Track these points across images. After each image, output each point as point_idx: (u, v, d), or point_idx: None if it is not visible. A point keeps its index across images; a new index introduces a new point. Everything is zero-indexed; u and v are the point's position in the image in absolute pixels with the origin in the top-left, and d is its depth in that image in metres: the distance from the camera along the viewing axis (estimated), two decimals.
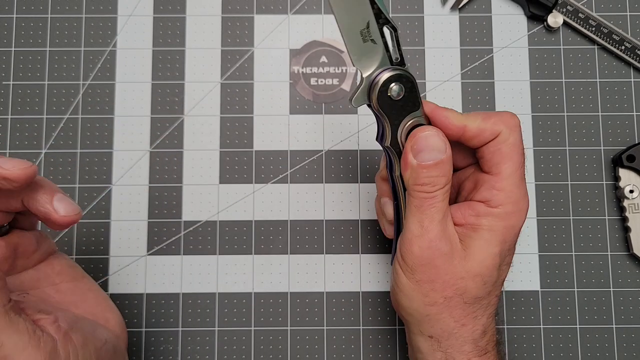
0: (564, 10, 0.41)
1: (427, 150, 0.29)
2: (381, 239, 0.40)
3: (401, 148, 0.30)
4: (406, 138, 0.30)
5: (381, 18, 0.29)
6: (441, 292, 0.29)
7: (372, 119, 0.34)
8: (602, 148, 0.41)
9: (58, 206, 0.27)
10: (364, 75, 0.29)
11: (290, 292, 0.39)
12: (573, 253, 0.40)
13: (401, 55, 0.30)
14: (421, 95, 0.41)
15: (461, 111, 0.41)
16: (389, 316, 0.39)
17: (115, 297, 0.39)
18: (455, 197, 0.33)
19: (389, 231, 0.34)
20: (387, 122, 0.30)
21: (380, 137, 0.31)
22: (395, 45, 0.29)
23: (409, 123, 0.30)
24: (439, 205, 0.29)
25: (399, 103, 0.29)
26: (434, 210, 0.29)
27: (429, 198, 0.29)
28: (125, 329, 0.31)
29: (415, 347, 0.31)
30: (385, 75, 0.29)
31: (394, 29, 0.29)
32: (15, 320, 0.24)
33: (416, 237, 0.29)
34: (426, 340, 0.30)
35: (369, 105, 0.30)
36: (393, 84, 0.29)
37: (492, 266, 0.29)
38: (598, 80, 0.42)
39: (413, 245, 0.29)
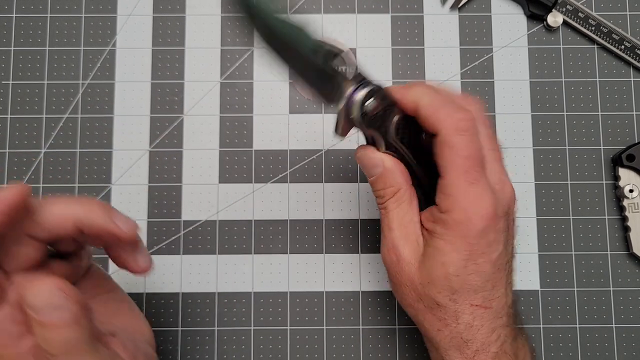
0: (564, 9, 0.41)
1: (366, 168, 0.31)
2: (380, 238, 0.40)
3: (397, 145, 0.30)
4: (396, 133, 0.30)
5: (321, 51, 0.29)
6: (408, 296, 0.30)
7: None
8: (601, 147, 0.41)
9: (140, 260, 0.28)
10: (337, 109, 0.30)
11: (290, 292, 0.39)
12: (573, 253, 0.40)
13: (356, 68, 0.30)
14: None
15: None
16: (388, 316, 0.39)
17: None
18: None
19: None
20: (377, 134, 0.30)
21: (371, 144, 0.31)
22: (347, 62, 0.29)
23: (394, 120, 0.30)
24: (392, 213, 0.30)
25: (380, 113, 0.29)
26: (388, 218, 0.30)
27: (382, 208, 0.31)
28: (154, 340, 0.31)
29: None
30: (356, 99, 0.29)
31: (339, 51, 0.29)
32: (99, 349, 0.23)
33: (383, 239, 0.31)
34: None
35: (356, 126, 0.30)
36: (367, 103, 0.29)
37: (442, 275, 0.28)
38: (598, 79, 0.42)
39: (382, 247, 0.31)
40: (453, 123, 0.28)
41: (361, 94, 0.29)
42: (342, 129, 0.31)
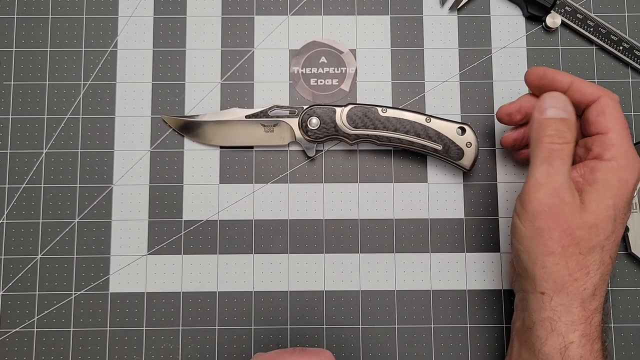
0: (562, 10, 0.41)
1: (554, 107, 0.33)
2: (380, 238, 0.40)
3: (338, 129, 0.39)
4: (346, 119, 0.39)
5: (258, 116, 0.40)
6: (559, 241, 0.31)
7: None
8: None
9: None
10: (304, 142, 0.39)
11: (290, 291, 0.40)
12: None
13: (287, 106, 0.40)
14: (420, 96, 0.41)
15: (459, 111, 0.41)
16: (388, 315, 0.39)
17: (116, 297, 0.39)
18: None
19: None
20: (337, 135, 0.39)
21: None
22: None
23: (338, 112, 0.39)
24: (565, 158, 0.32)
25: (326, 124, 0.39)
26: (560, 162, 0.32)
27: (557, 150, 0.32)
28: None
29: (524, 307, 0.33)
30: (297, 132, 0.39)
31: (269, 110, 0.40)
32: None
33: (541, 184, 0.31)
34: (537, 297, 0.32)
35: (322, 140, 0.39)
36: (308, 123, 0.39)
37: (606, 218, 0.31)
38: (596, 80, 0.42)
39: (538, 192, 0.31)
40: (609, 94, 0.33)
41: (297, 124, 0.40)
42: (310, 151, 0.41)
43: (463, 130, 0.38)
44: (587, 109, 0.34)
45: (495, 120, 0.41)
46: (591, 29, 0.41)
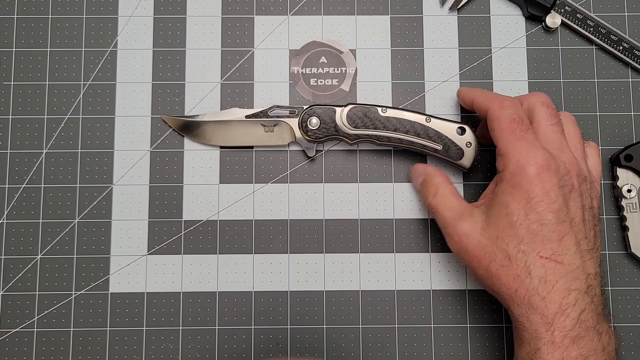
0: (562, 10, 0.41)
1: (414, 178, 0.40)
2: (380, 238, 0.40)
3: (338, 129, 0.39)
4: (346, 119, 0.38)
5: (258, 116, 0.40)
6: (480, 268, 0.33)
7: None
8: (600, 147, 0.41)
9: None
10: (304, 142, 0.40)
11: (290, 291, 0.40)
12: None
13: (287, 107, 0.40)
14: (420, 96, 0.41)
15: (459, 111, 0.41)
16: (388, 314, 0.39)
17: (116, 297, 0.39)
18: None
19: None
20: (337, 135, 0.39)
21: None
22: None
23: (338, 112, 0.39)
24: (440, 207, 0.36)
25: (326, 123, 0.39)
26: (438, 213, 0.36)
27: (431, 208, 0.37)
28: None
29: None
30: (297, 132, 0.39)
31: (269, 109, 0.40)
32: None
33: (445, 237, 0.36)
34: (510, 314, 0.33)
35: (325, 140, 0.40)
36: (308, 123, 0.39)
37: (507, 225, 0.31)
38: (596, 80, 0.42)
39: (447, 241, 0.36)
40: (498, 102, 0.34)
41: (299, 123, 0.40)
42: (309, 152, 0.41)
43: (463, 130, 0.38)
44: None
45: None
46: (591, 29, 0.41)
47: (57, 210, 0.40)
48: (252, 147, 0.41)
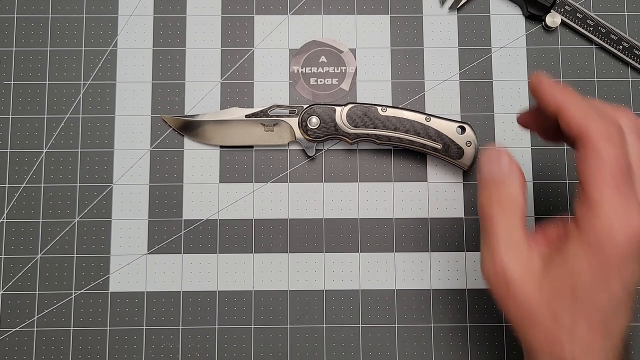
0: (562, 10, 0.41)
1: (485, 163, 0.30)
2: (380, 237, 0.40)
3: (338, 128, 0.39)
4: (346, 118, 0.38)
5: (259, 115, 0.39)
6: (518, 316, 0.27)
7: None
8: None
9: None
10: (303, 142, 0.40)
11: (290, 290, 0.40)
12: None
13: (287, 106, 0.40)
14: (420, 95, 0.41)
15: (459, 110, 0.41)
16: (388, 314, 0.39)
17: (115, 296, 0.39)
18: None
19: None
20: (337, 134, 0.39)
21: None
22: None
23: (338, 112, 0.39)
24: (501, 225, 0.28)
25: (326, 123, 0.39)
26: (495, 231, 0.28)
27: (488, 219, 0.29)
28: None
29: None
30: (297, 131, 0.39)
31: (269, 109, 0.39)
32: None
33: (485, 257, 0.29)
34: None
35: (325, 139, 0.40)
36: (308, 123, 0.39)
37: (569, 285, 0.26)
38: (596, 79, 0.42)
39: (485, 264, 0.29)
40: (603, 128, 0.26)
41: (298, 123, 0.40)
42: (309, 151, 0.40)
43: (463, 129, 0.38)
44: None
45: (495, 119, 0.41)
46: (591, 29, 0.41)
47: (57, 209, 0.40)
48: (252, 147, 0.41)
